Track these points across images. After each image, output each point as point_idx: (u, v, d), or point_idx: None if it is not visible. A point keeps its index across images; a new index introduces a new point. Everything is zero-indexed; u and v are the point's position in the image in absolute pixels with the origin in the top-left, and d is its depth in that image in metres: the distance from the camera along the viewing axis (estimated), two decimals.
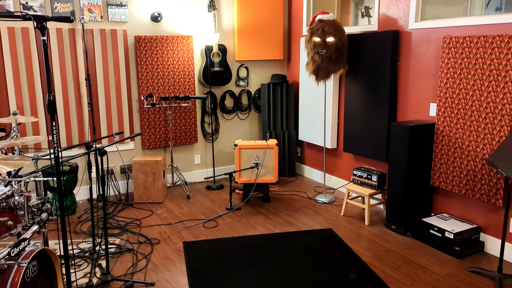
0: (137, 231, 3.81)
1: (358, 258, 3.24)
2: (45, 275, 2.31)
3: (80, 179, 4.50)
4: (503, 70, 3.06)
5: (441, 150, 3.56)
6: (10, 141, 2.74)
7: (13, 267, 2.01)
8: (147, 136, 4.88)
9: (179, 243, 3.57)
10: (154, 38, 4.73)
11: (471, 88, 3.29)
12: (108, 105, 4.63)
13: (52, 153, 2.14)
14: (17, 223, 2.31)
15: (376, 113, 4.17)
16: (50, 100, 2.06)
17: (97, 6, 4.44)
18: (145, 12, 4.72)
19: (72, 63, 4.41)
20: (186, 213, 4.24)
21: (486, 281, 2.95)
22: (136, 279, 2.97)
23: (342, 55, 4.21)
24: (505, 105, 3.07)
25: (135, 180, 4.50)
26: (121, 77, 4.66)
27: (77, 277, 2.92)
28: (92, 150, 2.85)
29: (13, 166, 2.24)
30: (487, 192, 3.24)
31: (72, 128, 4.50)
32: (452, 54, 3.40)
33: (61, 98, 4.40)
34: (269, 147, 4.45)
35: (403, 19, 3.92)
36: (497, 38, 3.08)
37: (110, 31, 4.53)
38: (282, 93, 5.35)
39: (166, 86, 4.89)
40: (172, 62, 4.87)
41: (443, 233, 3.36)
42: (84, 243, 3.53)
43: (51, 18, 2.03)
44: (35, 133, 4.31)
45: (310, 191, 4.92)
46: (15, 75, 4.15)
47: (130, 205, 4.49)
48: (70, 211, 4.20)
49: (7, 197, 2.26)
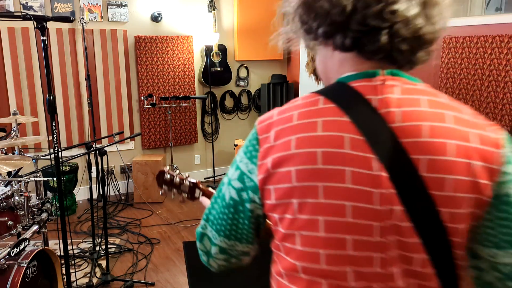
0: (137, 231, 3.81)
1: None
2: (45, 275, 2.31)
3: (80, 179, 4.50)
4: (503, 70, 3.07)
5: None
6: (10, 141, 2.74)
7: (13, 267, 2.01)
8: (147, 136, 4.88)
9: (179, 243, 3.57)
10: (154, 38, 4.73)
11: (471, 88, 3.30)
12: (108, 105, 4.63)
13: (52, 153, 2.14)
14: (17, 223, 2.30)
15: None
16: (50, 100, 2.06)
17: (97, 6, 4.44)
18: (145, 12, 4.72)
19: (72, 63, 4.41)
20: (186, 213, 4.24)
21: None
22: (136, 279, 2.97)
23: None
24: (505, 105, 3.07)
25: (135, 180, 4.50)
26: (121, 77, 4.66)
27: (77, 277, 2.92)
28: (92, 150, 2.85)
29: (13, 166, 2.24)
30: None
31: (72, 128, 4.50)
32: (452, 54, 3.41)
33: (61, 98, 4.40)
34: None
35: None
36: (497, 38, 3.08)
37: (110, 31, 4.53)
38: (282, 93, 5.35)
39: (166, 86, 4.89)
40: (172, 62, 4.87)
41: None
42: (84, 243, 3.53)
43: (51, 18, 2.03)
44: (35, 133, 4.31)
45: None
46: (15, 75, 4.15)
47: (130, 205, 4.49)
48: (70, 211, 4.20)
49: (7, 197, 2.26)
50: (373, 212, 0.72)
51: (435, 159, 0.70)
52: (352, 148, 0.72)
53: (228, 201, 0.84)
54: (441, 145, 0.71)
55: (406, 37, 0.72)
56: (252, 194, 0.80)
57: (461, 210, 0.71)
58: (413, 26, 0.72)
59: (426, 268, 0.73)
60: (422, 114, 0.72)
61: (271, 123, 0.80)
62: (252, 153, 0.80)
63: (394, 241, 0.72)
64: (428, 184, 0.70)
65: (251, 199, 0.81)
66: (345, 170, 0.72)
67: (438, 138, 0.71)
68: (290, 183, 0.74)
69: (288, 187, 0.75)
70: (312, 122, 0.75)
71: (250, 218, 0.83)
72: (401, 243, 0.72)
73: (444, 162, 0.70)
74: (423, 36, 0.73)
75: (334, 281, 0.74)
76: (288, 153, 0.75)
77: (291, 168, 0.74)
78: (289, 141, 0.75)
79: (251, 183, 0.80)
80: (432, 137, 0.71)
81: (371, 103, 0.74)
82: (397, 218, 0.71)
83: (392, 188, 0.71)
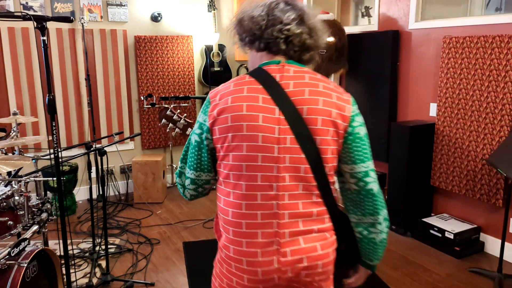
0: (137, 231, 3.81)
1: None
2: (45, 275, 2.31)
3: (80, 179, 4.50)
4: (503, 70, 3.07)
5: (441, 150, 3.56)
6: (10, 141, 2.74)
7: (13, 267, 2.01)
8: (147, 136, 4.88)
9: (179, 243, 3.57)
10: (154, 38, 4.73)
11: (471, 88, 3.29)
12: (108, 105, 4.63)
13: (52, 153, 2.14)
14: (17, 223, 2.30)
15: (376, 113, 4.17)
16: (50, 100, 2.05)
17: (97, 6, 4.44)
18: (145, 12, 4.72)
19: (72, 63, 4.41)
20: (186, 213, 4.24)
21: (486, 281, 2.95)
22: (136, 279, 2.97)
23: (342, 55, 4.20)
24: (505, 105, 3.07)
25: (135, 180, 4.50)
26: (121, 77, 4.66)
27: (77, 277, 2.92)
28: (92, 150, 2.85)
29: (13, 166, 2.24)
30: (487, 192, 3.24)
31: (72, 128, 4.50)
32: (452, 54, 3.40)
33: (61, 98, 4.40)
34: None
35: (403, 19, 3.92)
36: (497, 38, 3.08)
37: (110, 31, 4.53)
38: None
39: (166, 86, 4.89)
40: (172, 62, 4.87)
41: (443, 233, 3.36)
42: (84, 243, 3.53)
43: (51, 18, 2.03)
44: (35, 133, 4.31)
45: None
46: (15, 75, 4.15)
47: (130, 205, 4.49)
48: (70, 211, 4.20)
49: (7, 197, 2.26)
50: (275, 139, 1.21)
51: (311, 108, 1.22)
52: (263, 102, 1.23)
53: (194, 143, 1.33)
54: (315, 100, 1.23)
55: (295, 45, 1.27)
56: (206, 134, 1.29)
57: (326, 137, 1.22)
58: (300, 39, 1.27)
59: (308, 173, 1.22)
60: (305, 84, 1.25)
61: (218, 91, 1.30)
62: (206, 109, 1.30)
63: (287, 157, 1.21)
64: (307, 122, 1.21)
65: (206, 137, 1.29)
66: (259, 115, 1.21)
67: (313, 96, 1.23)
68: (227, 123, 1.23)
69: (226, 126, 1.23)
70: (241, 88, 1.26)
71: (207, 151, 1.31)
72: (292, 158, 1.21)
73: (316, 109, 1.22)
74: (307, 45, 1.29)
75: (250, 182, 1.22)
76: (226, 106, 1.24)
77: (227, 114, 1.23)
78: (227, 99, 1.25)
79: (205, 127, 1.29)
80: (310, 95, 1.23)
81: (275, 78, 1.25)
82: (289, 143, 1.21)
83: (287, 125, 1.21)
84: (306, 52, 1.31)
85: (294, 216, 1.22)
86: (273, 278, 1.23)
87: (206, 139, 1.29)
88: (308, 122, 1.21)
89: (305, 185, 1.22)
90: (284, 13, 1.26)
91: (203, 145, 1.30)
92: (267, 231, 1.22)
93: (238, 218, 1.24)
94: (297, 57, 1.30)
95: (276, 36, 1.26)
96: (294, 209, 1.22)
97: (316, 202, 1.25)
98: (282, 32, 1.26)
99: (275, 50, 1.28)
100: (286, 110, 1.21)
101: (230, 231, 1.26)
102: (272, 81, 1.25)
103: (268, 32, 1.26)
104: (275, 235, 1.21)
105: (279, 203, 1.21)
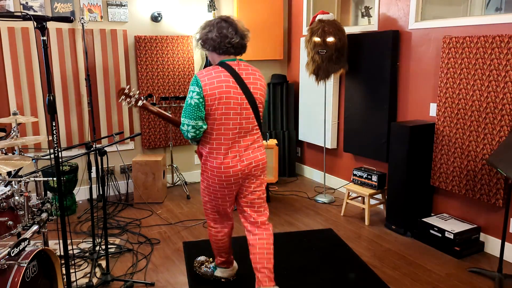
0: (137, 231, 3.81)
1: (358, 258, 3.24)
2: (45, 275, 2.31)
3: (80, 179, 4.50)
4: (503, 70, 3.07)
5: (441, 150, 3.56)
6: (10, 141, 2.74)
7: (13, 267, 2.01)
8: (147, 136, 4.88)
9: (179, 243, 3.57)
10: (154, 38, 4.73)
11: (471, 88, 3.29)
12: (108, 105, 4.63)
13: (52, 153, 2.14)
14: (17, 223, 2.31)
15: (376, 113, 4.18)
16: (50, 100, 2.05)
17: (97, 6, 4.44)
18: (145, 12, 4.72)
19: (72, 63, 4.41)
20: (186, 213, 4.25)
21: (486, 281, 2.95)
22: (136, 279, 2.97)
23: (342, 55, 4.21)
24: (505, 105, 3.07)
25: (135, 180, 4.50)
26: (121, 77, 4.66)
27: (77, 277, 2.92)
28: (92, 150, 2.85)
29: (13, 166, 2.24)
30: (487, 192, 3.24)
31: (72, 128, 4.50)
32: (452, 54, 3.40)
33: (61, 98, 4.40)
34: (269, 147, 4.45)
35: (403, 19, 3.92)
36: (497, 38, 3.08)
37: (110, 31, 4.53)
38: (282, 93, 5.35)
39: (166, 86, 4.89)
40: (172, 62, 4.87)
41: (443, 233, 3.36)
42: (84, 243, 3.53)
43: (51, 18, 2.03)
44: (35, 133, 4.31)
45: (310, 191, 4.92)
46: (15, 75, 4.15)
47: (130, 205, 4.49)
48: (70, 211, 4.20)
49: (7, 197, 2.26)
50: (239, 103, 2.40)
51: (255, 86, 2.46)
52: (232, 83, 2.39)
53: (193, 104, 2.35)
54: (255, 82, 2.47)
55: (237, 47, 2.45)
56: (202, 99, 2.35)
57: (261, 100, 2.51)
58: (238, 43, 2.44)
59: (253, 119, 2.47)
60: (250, 73, 2.47)
61: (204, 74, 2.38)
62: (198, 84, 2.36)
63: (243, 112, 2.42)
64: (252, 92, 2.44)
65: (202, 102, 2.36)
66: (231, 90, 2.37)
67: (255, 80, 2.47)
68: (215, 96, 2.35)
69: (214, 97, 2.35)
70: (219, 74, 2.38)
71: (203, 108, 2.37)
72: (246, 112, 2.43)
73: (256, 87, 2.47)
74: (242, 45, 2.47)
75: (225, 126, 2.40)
76: (214, 85, 2.35)
77: (215, 90, 2.35)
78: (213, 81, 2.36)
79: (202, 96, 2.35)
80: (253, 80, 2.47)
81: (235, 69, 2.43)
82: (245, 105, 2.42)
83: (243, 95, 2.41)
84: (243, 49, 2.49)
85: (246, 141, 2.46)
86: (238, 174, 2.44)
87: (203, 102, 2.35)
88: (252, 92, 2.44)
89: (252, 126, 2.47)
90: (227, 29, 2.38)
91: (201, 104, 2.35)
92: (233, 149, 2.43)
93: (218, 145, 2.42)
94: (239, 53, 2.47)
95: (228, 46, 2.40)
96: (246, 137, 2.46)
97: (256, 133, 2.51)
98: (231, 43, 2.40)
99: (228, 53, 2.44)
100: (243, 88, 2.41)
101: (214, 152, 2.43)
102: (233, 71, 2.41)
103: (222, 44, 2.40)
104: (238, 152, 2.44)
105: (240, 135, 2.44)
